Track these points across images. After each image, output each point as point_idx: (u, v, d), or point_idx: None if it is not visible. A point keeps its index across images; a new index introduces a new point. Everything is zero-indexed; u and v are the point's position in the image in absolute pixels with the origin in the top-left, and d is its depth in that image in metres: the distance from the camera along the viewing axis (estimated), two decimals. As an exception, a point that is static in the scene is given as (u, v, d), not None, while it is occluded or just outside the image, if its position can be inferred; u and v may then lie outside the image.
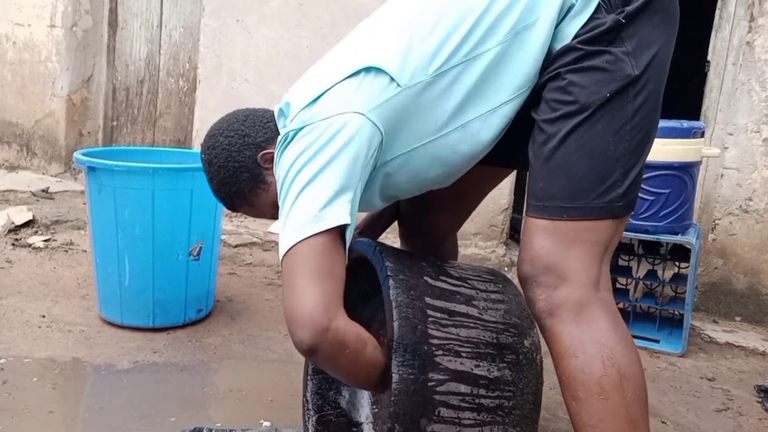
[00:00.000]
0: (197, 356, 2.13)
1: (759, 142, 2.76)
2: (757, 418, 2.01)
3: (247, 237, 3.35)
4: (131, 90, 4.58)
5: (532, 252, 1.16)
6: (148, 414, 1.74)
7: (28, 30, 4.59)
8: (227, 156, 1.31)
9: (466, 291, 1.33)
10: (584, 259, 1.15)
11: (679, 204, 2.37)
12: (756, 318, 2.83)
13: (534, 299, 1.18)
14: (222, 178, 1.33)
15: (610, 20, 1.13)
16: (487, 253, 3.24)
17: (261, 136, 1.32)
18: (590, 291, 1.15)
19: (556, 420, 1.88)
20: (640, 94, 1.14)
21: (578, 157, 1.14)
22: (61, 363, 1.99)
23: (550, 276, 1.15)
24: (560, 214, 1.14)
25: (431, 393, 1.19)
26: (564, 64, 1.16)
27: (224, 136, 1.33)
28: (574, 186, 1.14)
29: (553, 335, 1.16)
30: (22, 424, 1.66)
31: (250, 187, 1.33)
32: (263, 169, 1.32)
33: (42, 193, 3.92)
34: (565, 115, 1.14)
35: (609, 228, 1.17)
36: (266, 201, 1.35)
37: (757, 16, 2.74)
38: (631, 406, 1.12)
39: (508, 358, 1.26)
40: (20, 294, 2.52)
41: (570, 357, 1.13)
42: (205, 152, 1.36)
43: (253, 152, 1.31)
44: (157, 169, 2.17)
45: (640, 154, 1.17)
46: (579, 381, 1.12)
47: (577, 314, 1.13)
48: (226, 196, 1.36)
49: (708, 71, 2.92)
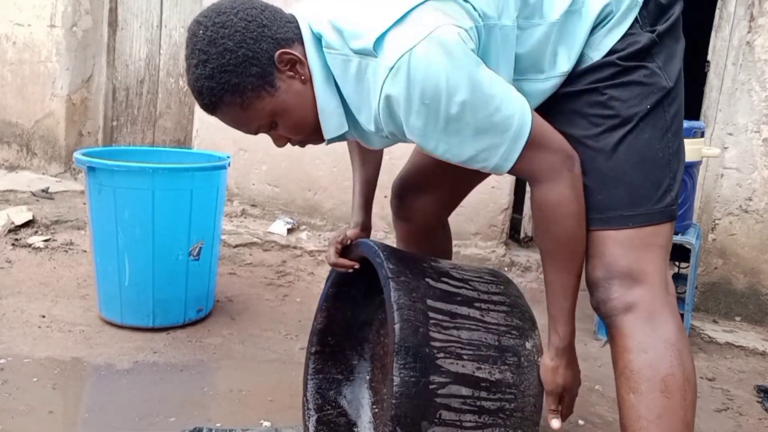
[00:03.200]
0: (197, 356, 2.13)
1: (759, 142, 2.76)
2: (757, 418, 2.01)
3: (247, 237, 3.35)
4: (131, 90, 4.58)
5: (605, 259, 1.20)
6: (148, 414, 1.74)
7: (28, 30, 4.59)
8: (240, 40, 1.11)
9: (467, 293, 1.33)
10: (656, 262, 1.20)
11: (679, 204, 2.37)
12: (756, 318, 2.83)
13: (607, 299, 1.20)
14: (224, 63, 1.11)
15: (646, 39, 1.19)
16: (487, 253, 3.24)
17: (282, 32, 1.14)
18: (662, 293, 1.19)
19: (556, 420, 1.88)
20: (673, 103, 1.21)
21: (631, 166, 1.18)
22: (61, 363, 1.99)
23: (626, 279, 1.18)
24: (625, 223, 1.19)
25: (432, 396, 1.19)
26: (603, 78, 1.19)
27: (239, 17, 1.12)
28: (633, 194, 1.19)
29: (623, 330, 1.18)
30: (22, 424, 1.66)
31: (255, 85, 1.13)
32: (276, 70, 1.14)
33: (42, 193, 3.92)
34: (610, 128, 1.19)
35: (669, 230, 1.23)
36: (263, 108, 1.16)
37: (757, 16, 2.74)
38: (688, 409, 1.15)
39: (510, 360, 1.26)
40: (20, 294, 2.52)
41: (639, 351, 1.16)
42: (208, 28, 1.12)
43: (271, 47, 1.13)
44: (157, 169, 2.17)
45: (681, 158, 1.24)
46: (644, 375, 1.15)
47: (651, 313, 1.17)
48: (218, 87, 1.12)
49: (708, 71, 2.92)
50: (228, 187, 3.69)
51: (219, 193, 2.37)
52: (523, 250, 3.39)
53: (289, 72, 1.15)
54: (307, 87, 1.17)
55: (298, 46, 1.16)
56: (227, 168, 2.39)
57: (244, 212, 3.79)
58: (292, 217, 3.67)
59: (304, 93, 1.17)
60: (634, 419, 1.15)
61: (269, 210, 3.82)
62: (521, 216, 3.51)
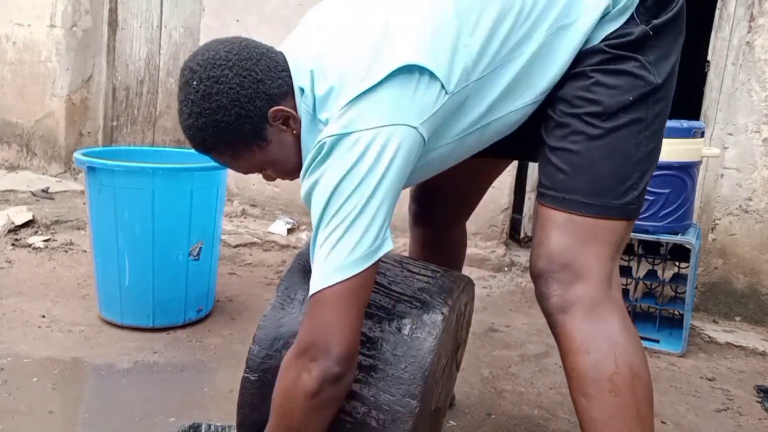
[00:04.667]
0: (197, 356, 2.13)
1: (759, 142, 2.76)
2: (757, 418, 2.01)
3: (247, 237, 3.35)
4: (131, 90, 4.58)
5: (549, 249, 1.18)
6: (148, 414, 1.74)
7: (28, 30, 4.59)
8: (235, 99, 1.10)
9: (392, 268, 1.33)
10: (600, 257, 1.17)
11: (679, 204, 2.37)
12: (756, 318, 2.83)
13: (548, 295, 1.18)
14: (217, 120, 1.11)
15: (639, 30, 1.16)
16: (487, 253, 3.24)
17: (276, 87, 1.13)
18: (604, 289, 1.16)
19: (556, 420, 1.88)
20: (658, 102, 1.18)
21: (601, 155, 1.16)
22: (61, 363, 1.99)
23: (567, 273, 1.16)
24: (580, 209, 1.16)
25: (297, 325, 1.18)
26: (590, 63, 1.17)
27: (235, 73, 1.10)
28: (596, 183, 1.16)
29: (564, 331, 1.17)
30: (22, 424, 1.66)
31: (247, 141, 1.14)
32: (268, 124, 1.14)
33: (42, 193, 3.92)
34: (589, 113, 1.16)
35: (623, 229, 1.20)
36: (255, 158, 1.17)
37: (757, 16, 2.74)
38: (640, 404, 1.13)
39: (395, 324, 1.22)
40: (20, 294, 2.52)
41: (582, 353, 1.14)
42: (202, 81, 1.10)
43: (265, 105, 1.12)
44: (157, 169, 2.17)
45: (653, 160, 1.21)
46: (590, 378, 1.13)
47: (590, 311, 1.15)
48: (210, 140, 1.14)
49: (708, 71, 2.92)
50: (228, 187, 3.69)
51: (219, 193, 2.37)
52: (523, 250, 3.39)
53: (281, 126, 1.15)
54: (296, 138, 1.18)
55: (290, 98, 1.15)
56: (227, 168, 2.39)
57: (244, 212, 3.79)
58: (292, 217, 3.67)
59: (295, 144, 1.18)
60: (589, 423, 1.14)
61: (269, 210, 3.82)
62: (521, 216, 3.51)
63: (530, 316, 2.64)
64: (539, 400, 2.00)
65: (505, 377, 2.13)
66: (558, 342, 1.19)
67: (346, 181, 1.05)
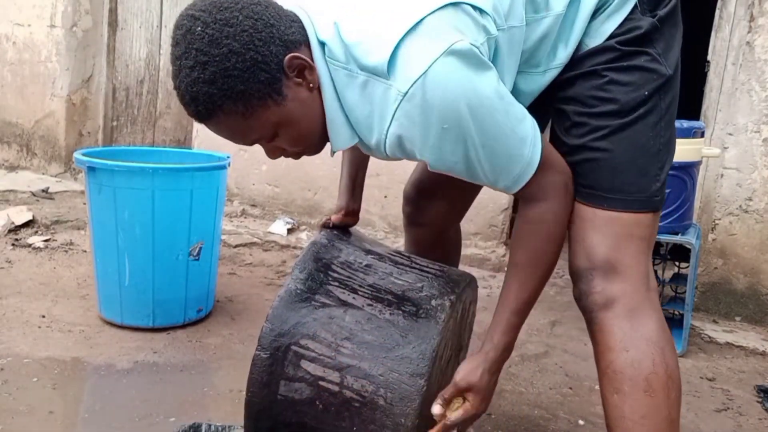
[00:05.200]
0: (197, 356, 2.13)
1: (759, 142, 2.76)
2: (757, 418, 2.01)
3: (247, 237, 3.35)
4: (131, 90, 4.58)
5: (585, 244, 1.18)
6: (148, 414, 1.74)
7: (28, 30, 4.59)
8: (248, 41, 0.98)
9: (399, 259, 1.36)
10: (637, 255, 1.17)
11: (679, 204, 2.37)
12: (756, 318, 2.83)
13: (588, 291, 1.18)
14: (229, 67, 0.98)
15: (647, 24, 1.16)
16: (487, 253, 3.24)
17: (289, 33, 1.03)
18: (643, 288, 1.17)
19: (556, 420, 1.88)
20: (669, 92, 1.19)
21: (621, 150, 1.16)
22: (61, 363, 1.99)
23: (607, 271, 1.16)
24: (602, 203, 1.17)
25: (311, 312, 1.22)
26: (602, 62, 1.17)
27: (245, 14, 0.99)
28: (616, 177, 1.16)
29: (604, 327, 1.17)
30: (22, 424, 1.66)
31: (261, 93, 1.01)
32: (284, 76, 1.03)
33: (42, 193, 3.92)
34: (605, 112, 1.17)
35: (651, 222, 1.20)
36: (267, 118, 1.04)
37: (757, 16, 2.74)
38: (672, 407, 1.14)
39: (405, 308, 1.25)
40: (20, 294, 2.52)
41: (620, 350, 1.14)
42: (209, 25, 0.98)
43: (281, 50, 1.01)
44: (157, 169, 2.17)
45: (670, 150, 1.22)
46: (627, 375, 1.14)
47: (631, 310, 1.15)
48: (219, 94, 0.99)
49: (708, 71, 2.92)
50: (228, 187, 3.69)
51: (219, 193, 2.37)
52: (523, 250, 3.38)
53: (296, 78, 1.04)
54: (314, 95, 1.07)
55: (305, 49, 1.05)
56: (227, 168, 2.39)
57: (244, 212, 3.79)
58: (292, 217, 3.67)
59: (311, 102, 1.07)
60: (619, 420, 1.15)
61: (269, 210, 3.82)
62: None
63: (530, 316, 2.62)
64: (539, 400, 2.00)
65: (505, 377, 2.13)
66: (594, 339, 1.19)
67: (470, 104, 1.00)
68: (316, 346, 1.21)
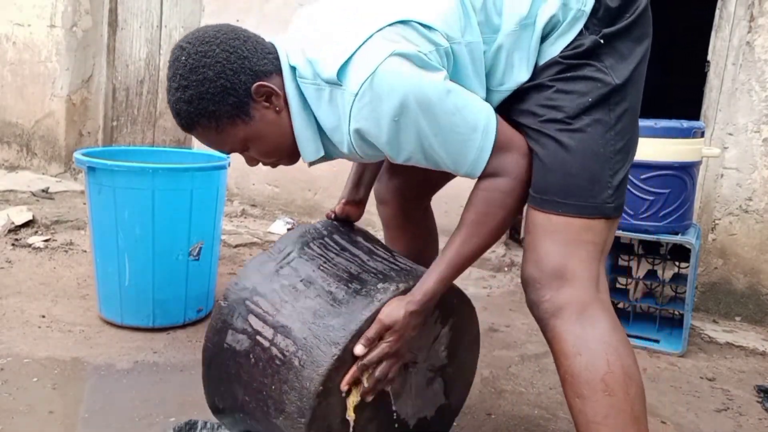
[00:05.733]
0: (197, 356, 2.12)
1: (759, 142, 2.76)
2: (757, 418, 2.01)
3: (247, 237, 3.36)
4: (131, 90, 4.58)
5: (537, 255, 1.22)
6: (148, 414, 1.74)
7: (28, 30, 4.59)
8: (220, 71, 1.17)
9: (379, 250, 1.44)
10: (585, 260, 1.20)
11: (679, 204, 2.37)
12: (756, 318, 2.83)
13: (538, 301, 1.22)
14: (203, 91, 1.17)
15: (590, 41, 1.21)
16: (487, 253, 3.24)
17: (261, 64, 1.20)
18: (591, 291, 1.20)
19: (556, 420, 1.88)
20: (621, 102, 1.21)
21: (572, 157, 1.19)
22: (61, 363, 1.99)
23: (556, 279, 1.19)
24: (556, 208, 1.20)
25: (275, 275, 1.34)
26: (549, 75, 1.23)
27: (221, 48, 1.18)
28: (568, 183, 1.19)
29: (556, 335, 1.20)
30: (22, 424, 1.66)
31: (231, 114, 1.19)
32: (252, 100, 1.20)
33: (42, 193, 3.92)
34: (554, 119, 1.21)
35: (603, 229, 1.22)
36: (236, 134, 1.22)
37: (757, 16, 2.74)
38: (634, 403, 1.16)
39: (354, 286, 1.30)
40: (20, 294, 2.52)
41: (574, 355, 1.17)
42: (191, 56, 1.17)
43: (249, 79, 1.19)
44: (157, 169, 2.17)
45: (624, 159, 1.23)
46: (583, 378, 1.16)
47: (580, 314, 1.18)
48: (195, 112, 1.19)
49: (708, 71, 2.92)
50: (228, 187, 3.69)
51: (219, 193, 2.37)
52: (523, 250, 3.39)
53: (264, 103, 1.21)
54: (281, 116, 1.24)
55: (275, 77, 1.22)
56: (227, 168, 2.39)
57: (244, 212, 3.79)
58: (292, 217, 3.67)
59: (279, 122, 1.24)
60: (584, 424, 1.17)
61: (269, 210, 3.82)
62: (521, 216, 3.50)
63: (530, 316, 2.61)
64: (539, 400, 2.00)
65: (505, 377, 2.13)
66: (551, 347, 1.22)
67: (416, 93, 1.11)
68: (264, 303, 1.31)
